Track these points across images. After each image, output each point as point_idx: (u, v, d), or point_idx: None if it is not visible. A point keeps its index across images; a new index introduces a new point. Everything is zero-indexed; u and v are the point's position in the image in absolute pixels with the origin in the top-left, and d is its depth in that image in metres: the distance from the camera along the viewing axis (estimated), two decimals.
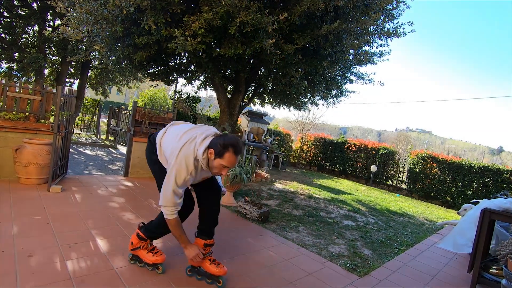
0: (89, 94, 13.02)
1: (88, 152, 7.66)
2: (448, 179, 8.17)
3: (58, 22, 9.23)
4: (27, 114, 3.91)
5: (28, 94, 3.89)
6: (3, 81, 3.80)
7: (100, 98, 11.78)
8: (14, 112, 3.80)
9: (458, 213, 4.99)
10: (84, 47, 8.89)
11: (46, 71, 10.01)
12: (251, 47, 4.34)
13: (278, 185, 6.57)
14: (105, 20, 4.12)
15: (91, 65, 10.02)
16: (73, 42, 7.63)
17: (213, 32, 4.21)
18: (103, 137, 11.26)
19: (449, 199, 8.11)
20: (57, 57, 9.74)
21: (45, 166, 3.71)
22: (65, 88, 4.77)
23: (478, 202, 2.83)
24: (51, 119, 4.25)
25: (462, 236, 2.73)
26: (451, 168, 8.10)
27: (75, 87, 11.53)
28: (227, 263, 2.45)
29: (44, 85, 4.58)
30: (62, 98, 3.83)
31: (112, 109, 11.21)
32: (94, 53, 8.97)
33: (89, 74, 10.87)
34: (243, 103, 7.08)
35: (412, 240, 4.05)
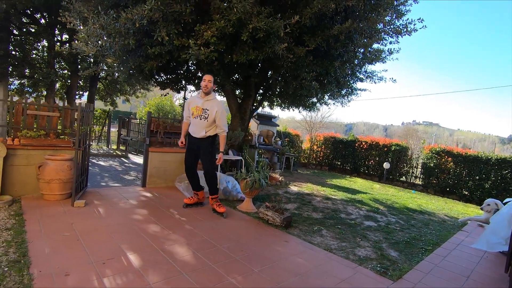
0: (97, 105, 13.18)
1: (102, 163, 7.73)
2: (464, 173, 8.03)
3: (65, 36, 9.38)
4: (44, 131, 3.97)
5: (47, 111, 3.94)
6: (23, 101, 3.86)
7: (109, 108, 11.90)
8: (34, 130, 3.85)
9: (481, 209, 4.92)
10: (92, 59, 9.02)
11: (57, 85, 10.15)
12: (263, 52, 4.33)
13: (293, 188, 6.54)
14: (118, 34, 4.15)
15: (100, 77, 10.14)
16: (83, 56, 7.73)
17: (225, 40, 4.21)
18: (114, 147, 11.37)
19: (467, 193, 7.97)
20: (66, 71, 9.88)
21: (68, 182, 3.74)
22: (80, 102, 4.83)
23: (509, 202, 2.77)
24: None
25: (495, 235, 2.67)
26: (467, 161, 7.97)
27: (84, 99, 11.69)
28: (258, 273, 2.44)
29: (55, 99, 4.64)
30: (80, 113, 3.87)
31: (121, 119, 11.31)
32: (102, 64, 9.09)
33: (97, 86, 11.00)
34: (253, 107, 7.08)
35: (437, 239, 3.98)
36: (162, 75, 6.55)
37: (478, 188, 7.71)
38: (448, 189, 8.32)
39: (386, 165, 9.44)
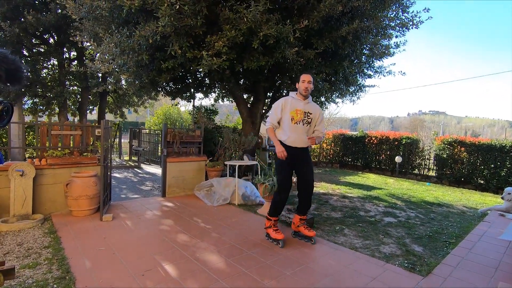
0: (107, 117, 13.44)
1: (117, 175, 7.89)
2: (479, 162, 7.98)
3: (73, 53, 9.61)
4: (69, 149, 4.11)
5: (70, 130, 4.08)
6: (46, 122, 4.00)
7: (119, 121, 12.12)
8: (59, 149, 3.99)
9: (502, 198, 4.90)
10: (100, 75, 9.23)
11: (68, 102, 10.39)
12: (273, 58, 4.41)
13: None
14: (131, 50, 4.28)
15: (109, 91, 10.35)
16: (92, 73, 7.92)
17: (235, 48, 4.30)
18: (126, 158, 11.57)
19: (482, 182, 7.91)
20: (76, 87, 10.11)
21: (94, 197, 3.87)
22: (104, 120, 4.96)
23: None
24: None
25: None
26: (481, 150, 7.92)
27: (95, 113, 11.93)
28: (291, 276, 2.51)
29: (68, 115, 4.78)
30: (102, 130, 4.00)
31: (132, 130, 11.51)
32: (111, 80, 9.29)
33: (107, 99, 11.23)
34: (263, 111, 7.16)
35: (459, 231, 4.00)
36: (171, 85, 6.69)
37: (494, 177, 7.65)
38: (463, 179, 8.27)
39: (398, 159, 9.41)
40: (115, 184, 6.52)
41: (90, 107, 11.54)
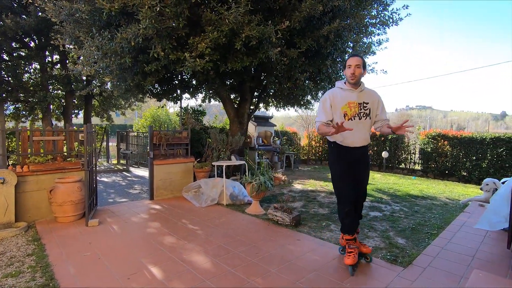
0: (93, 121, 13.22)
1: (105, 179, 7.79)
2: (461, 155, 8.23)
3: (56, 57, 9.43)
4: (51, 155, 4.05)
5: (52, 135, 4.02)
6: (28, 127, 3.93)
7: (106, 124, 11.95)
8: (42, 155, 3.93)
9: (481, 189, 5.08)
10: (85, 78, 9.08)
11: (51, 106, 10.19)
12: (257, 58, 4.45)
13: (297, 186, 6.67)
14: (114, 53, 4.25)
15: (94, 94, 10.20)
16: (76, 76, 7.79)
17: (219, 49, 4.32)
18: (114, 161, 11.42)
19: (465, 174, 8.16)
20: (60, 91, 9.92)
21: (79, 202, 3.83)
22: (87, 124, 4.90)
23: (507, 181, 2.91)
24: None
25: (496, 214, 2.81)
26: (463, 143, 8.16)
27: (80, 117, 11.73)
28: (276, 273, 2.56)
29: (52, 120, 4.72)
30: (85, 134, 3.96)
31: (119, 133, 11.37)
32: (95, 83, 9.15)
33: (92, 103, 11.05)
34: (250, 110, 7.20)
35: (441, 223, 4.13)
36: (157, 86, 6.65)
37: (476, 168, 7.90)
38: (447, 172, 8.51)
39: (384, 154, 9.60)
40: (102, 188, 6.44)
41: (75, 111, 11.34)
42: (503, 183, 3.47)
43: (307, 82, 5.60)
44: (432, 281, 2.42)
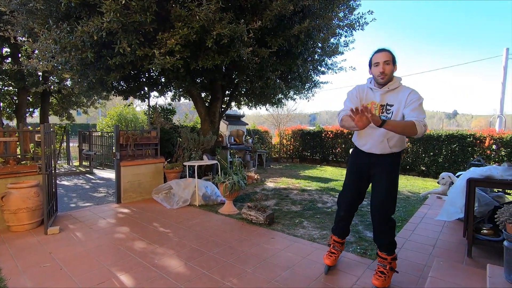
0: (52, 120, 12.26)
1: (65, 182, 7.28)
2: (421, 151, 8.82)
3: (6, 50, 8.58)
4: (2, 158, 3.67)
5: (3, 136, 3.65)
6: None
7: (66, 124, 11.14)
8: None
9: (438, 182, 5.49)
10: (41, 74, 8.38)
11: (1, 104, 9.28)
12: (228, 57, 4.39)
13: (270, 184, 6.72)
14: (74, 47, 3.95)
15: (51, 91, 9.46)
16: (30, 71, 7.15)
17: (189, 47, 4.20)
18: (76, 163, 10.71)
19: (424, 169, 8.77)
20: (11, 88, 9.06)
21: (36, 209, 3.53)
22: (43, 124, 4.51)
23: (461, 174, 3.17)
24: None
25: (453, 205, 3.05)
26: (422, 140, 8.75)
27: (36, 115, 10.82)
28: (252, 272, 2.55)
29: (2, 120, 4.30)
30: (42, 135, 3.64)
31: (81, 133, 10.67)
32: (52, 78, 8.48)
33: (50, 101, 10.24)
34: (222, 109, 7.11)
35: (405, 215, 4.40)
36: (122, 83, 6.32)
37: (433, 163, 8.52)
38: (408, 167, 9.08)
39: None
40: (63, 193, 6.00)
41: (30, 110, 10.44)
42: (457, 176, 3.76)
43: (278, 81, 5.65)
44: (399, 271, 2.56)
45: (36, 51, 4.27)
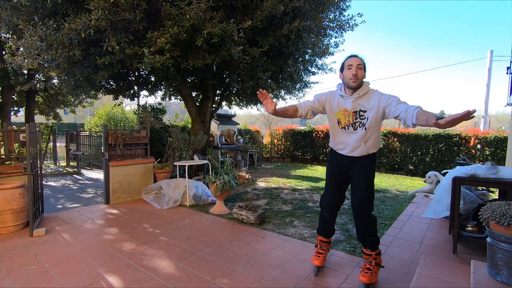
0: (38, 119, 11.96)
1: (52, 183, 7.11)
2: (409, 150, 9.00)
3: None
4: None
5: None
6: None
7: (52, 123, 10.88)
8: None
9: (425, 181, 5.60)
10: (26, 72, 8.16)
11: None
12: (219, 56, 4.38)
13: (261, 184, 6.74)
14: (60, 45, 3.87)
15: (38, 89, 9.22)
16: (15, 69, 6.96)
17: (180, 46, 4.17)
18: (63, 164, 10.49)
19: (412, 168, 8.95)
20: None
21: (21, 211, 3.44)
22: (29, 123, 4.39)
23: (447, 173, 3.25)
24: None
25: (439, 203, 3.12)
26: (410, 139, 8.93)
27: (21, 114, 10.53)
28: (243, 272, 2.55)
29: None
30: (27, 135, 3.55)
31: (69, 132, 10.45)
32: (38, 76, 8.27)
33: (36, 99, 9.98)
34: (213, 109, 7.08)
35: (393, 213, 4.47)
36: (111, 82, 6.22)
37: (421, 162, 8.71)
38: (396, 166, 9.24)
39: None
40: (49, 193, 5.86)
41: (15, 109, 10.15)
42: (443, 174, 3.86)
43: (269, 81, 5.66)
44: (387, 268, 2.60)
45: (21, 49, 4.16)
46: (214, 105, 7.12)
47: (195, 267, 2.62)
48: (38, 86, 8.36)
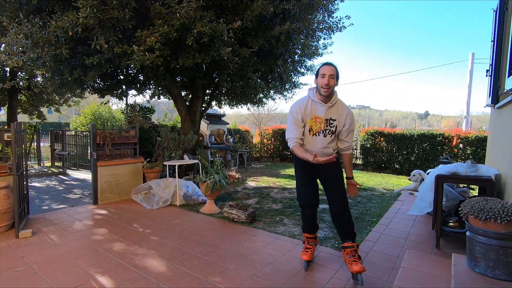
0: (21, 118, 11.60)
1: (37, 184, 6.94)
2: (395, 149, 9.24)
3: None
4: None
5: None
6: None
7: (36, 122, 10.58)
8: None
9: (409, 179, 5.78)
10: (8, 69, 7.92)
11: None
12: (209, 55, 4.39)
13: (251, 183, 6.78)
14: (47, 43, 3.79)
15: (20, 87, 8.96)
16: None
17: (169, 45, 4.16)
18: (48, 164, 10.22)
19: (398, 167, 9.19)
20: None
21: (6, 212, 3.36)
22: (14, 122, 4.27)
23: (431, 172, 3.38)
24: None
25: (423, 200, 3.25)
26: (396, 139, 9.17)
27: (3, 113, 10.19)
28: (234, 269, 2.59)
29: None
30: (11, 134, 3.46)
31: (53, 132, 10.18)
32: (21, 74, 8.04)
33: (18, 98, 9.69)
34: (203, 108, 7.07)
35: (380, 211, 4.60)
36: (99, 81, 6.13)
37: (406, 161, 8.95)
38: (383, 165, 9.47)
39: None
40: (34, 194, 5.73)
41: None
42: (428, 173, 4.00)
43: (259, 81, 5.71)
44: (374, 263, 2.70)
45: (3, 46, 4.05)
46: (204, 105, 7.11)
47: (187, 265, 2.64)
48: (21, 84, 8.12)
